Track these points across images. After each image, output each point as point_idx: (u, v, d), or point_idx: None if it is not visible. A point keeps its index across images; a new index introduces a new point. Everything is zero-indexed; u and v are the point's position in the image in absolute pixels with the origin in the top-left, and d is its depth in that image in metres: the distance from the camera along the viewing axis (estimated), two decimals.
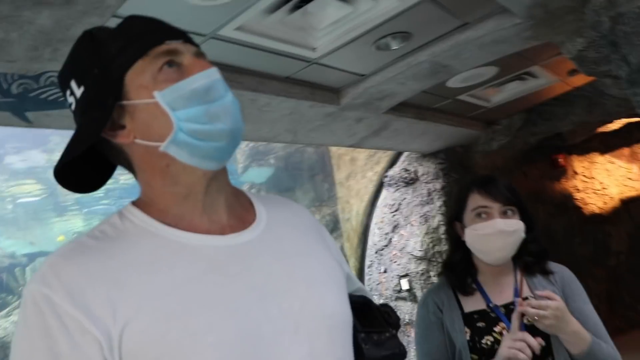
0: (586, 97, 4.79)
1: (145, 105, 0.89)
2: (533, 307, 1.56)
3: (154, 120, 0.89)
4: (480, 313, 1.72)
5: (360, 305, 1.05)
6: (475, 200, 1.72)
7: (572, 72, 4.02)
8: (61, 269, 0.83)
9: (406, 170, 5.18)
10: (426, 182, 5.07)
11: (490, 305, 1.72)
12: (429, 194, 5.00)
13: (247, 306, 0.85)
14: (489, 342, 1.65)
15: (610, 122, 6.54)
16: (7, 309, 12.56)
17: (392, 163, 5.42)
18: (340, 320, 0.97)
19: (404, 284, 4.99)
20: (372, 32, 2.42)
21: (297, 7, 2.11)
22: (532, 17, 2.41)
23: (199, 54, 0.95)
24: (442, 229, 4.87)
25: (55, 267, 0.83)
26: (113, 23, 1.84)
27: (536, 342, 1.51)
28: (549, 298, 1.57)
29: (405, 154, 5.31)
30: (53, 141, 17.35)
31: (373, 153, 5.56)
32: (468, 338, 1.68)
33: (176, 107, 0.88)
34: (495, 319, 1.69)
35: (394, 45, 2.59)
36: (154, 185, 0.94)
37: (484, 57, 2.89)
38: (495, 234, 1.67)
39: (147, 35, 0.92)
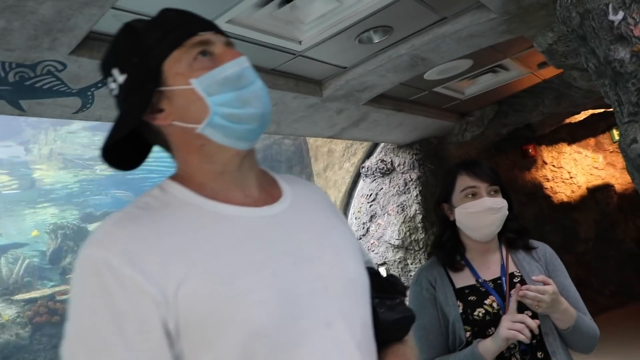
0: (554, 89, 4.96)
1: (183, 91, 0.99)
2: (532, 292, 1.68)
3: (190, 104, 0.99)
4: (470, 288, 1.85)
5: (372, 275, 1.15)
6: (464, 182, 1.86)
7: (542, 65, 4.18)
8: (115, 234, 0.92)
9: (382, 161, 5.31)
10: (402, 172, 5.20)
11: (480, 280, 1.86)
12: (405, 183, 5.14)
13: (283, 269, 0.96)
14: (480, 314, 1.78)
15: (577, 113, 6.75)
16: None
17: (369, 154, 5.55)
18: (361, 284, 1.09)
19: (382, 272, 5.13)
20: (356, 26, 2.53)
21: (286, 1, 2.20)
22: (506, 12, 2.54)
23: (229, 44, 1.06)
24: (419, 217, 5.02)
25: (110, 233, 0.92)
26: (111, 14, 1.93)
27: (534, 323, 1.65)
28: (545, 283, 1.71)
29: (382, 145, 5.44)
30: (27, 133, 17.10)
31: (350, 144, 5.68)
32: (461, 311, 1.81)
33: (211, 93, 0.98)
34: (485, 292, 1.82)
35: (376, 38, 2.70)
36: (191, 162, 1.04)
37: (460, 50, 3.02)
38: (485, 211, 1.82)
39: (182, 27, 1.02)
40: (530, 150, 7.44)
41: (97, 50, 2.07)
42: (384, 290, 1.15)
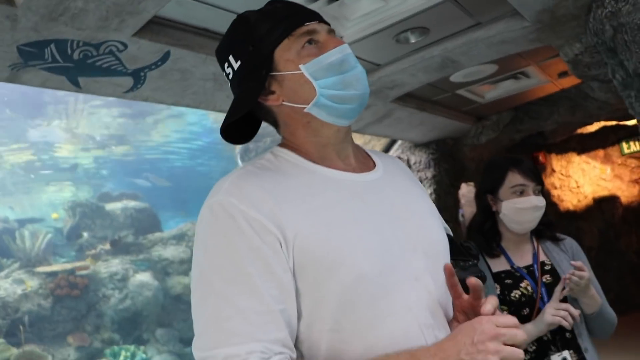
0: (570, 98, 5.06)
1: (292, 76, 1.14)
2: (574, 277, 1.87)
3: (300, 87, 1.15)
4: (506, 272, 2.04)
5: (448, 240, 1.30)
6: (515, 179, 2.03)
7: (562, 74, 4.29)
8: (241, 185, 1.07)
9: (399, 158, 5.43)
10: (418, 171, 5.33)
11: (514, 266, 2.03)
12: (420, 181, 5.23)
13: (381, 227, 1.11)
14: (517, 295, 1.98)
15: (590, 124, 6.87)
16: (5, 271, 12.63)
17: (386, 151, 5.66)
18: (443, 245, 1.25)
19: None
20: (396, 25, 2.64)
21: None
22: (539, 22, 2.65)
23: (331, 31, 1.21)
24: None
25: (236, 184, 1.07)
26: (175, 1, 2.04)
27: (577, 312, 1.84)
28: (581, 269, 1.89)
29: (399, 142, 5.55)
30: (49, 110, 17.20)
31: (368, 140, 5.79)
32: (498, 292, 1.98)
33: (318, 77, 1.13)
34: (520, 277, 2.01)
35: (413, 39, 2.81)
36: (298, 135, 1.20)
37: (490, 55, 3.13)
38: (531, 208, 2.02)
39: (290, 19, 1.16)
40: (540, 157, 7.58)
41: (156, 34, 2.19)
42: (458, 253, 1.30)
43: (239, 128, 1.27)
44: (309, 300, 1.04)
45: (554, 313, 1.86)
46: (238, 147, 14.16)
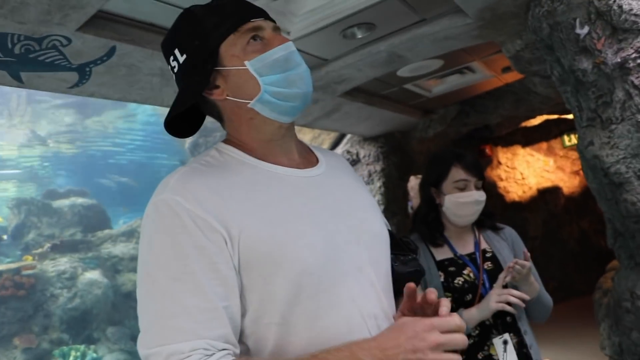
0: (514, 93, 5.21)
1: (237, 71, 1.16)
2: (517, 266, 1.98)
3: (244, 83, 1.17)
4: (449, 260, 2.12)
5: (389, 235, 1.35)
6: (458, 174, 2.11)
7: (506, 70, 4.42)
8: (187, 182, 1.09)
9: (349, 152, 5.49)
10: (367, 164, 5.40)
11: (457, 254, 2.11)
12: (370, 175, 5.34)
13: (324, 221, 1.15)
14: (460, 282, 2.07)
15: (533, 117, 7.07)
16: None
17: (335, 145, 5.72)
18: (384, 238, 1.29)
19: None
20: (342, 21, 2.67)
21: None
22: (481, 19, 2.74)
23: (277, 29, 1.23)
24: (381, 208, 5.22)
25: (181, 182, 1.09)
26: None
27: (520, 294, 1.94)
28: (527, 259, 2.02)
29: (348, 136, 5.61)
30: None
31: (318, 135, 5.84)
32: (442, 280, 2.06)
33: (262, 74, 1.15)
34: (463, 264, 2.09)
35: (359, 34, 2.85)
36: (242, 131, 1.22)
37: (435, 50, 3.20)
38: (472, 202, 2.10)
39: (236, 14, 1.18)
40: (487, 150, 7.77)
41: (101, 28, 2.17)
42: (398, 247, 1.34)
43: (184, 121, 1.28)
44: (256, 296, 1.06)
45: (498, 299, 1.95)
46: (187, 142, 14.00)
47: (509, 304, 1.95)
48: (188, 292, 1.00)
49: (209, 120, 1.35)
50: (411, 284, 1.16)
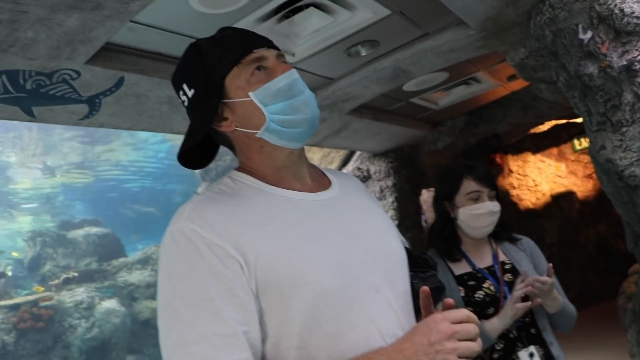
0: (521, 100, 5.21)
1: (243, 102, 1.18)
2: (538, 284, 1.97)
3: (250, 114, 1.19)
4: (468, 274, 2.10)
5: (406, 253, 1.35)
6: (470, 186, 2.11)
7: (511, 78, 4.42)
8: (201, 210, 1.10)
9: (359, 169, 5.50)
10: (378, 180, 5.40)
11: (476, 268, 2.10)
12: (381, 190, 5.33)
13: (339, 243, 1.15)
14: (481, 296, 2.05)
15: (542, 123, 7.06)
16: None
17: (345, 162, 5.73)
18: (401, 258, 1.29)
19: None
20: (346, 40, 2.70)
21: (285, 16, 2.36)
22: (484, 30, 2.75)
23: (280, 56, 1.26)
24: (395, 223, 5.21)
25: (196, 210, 1.10)
26: (127, 27, 2.06)
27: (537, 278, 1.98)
28: (549, 274, 2.01)
29: (358, 153, 5.62)
30: (5, 137, 16.79)
31: (327, 153, 5.85)
32: (463, 294, 2.05)
33: (267, 103, 1.17)
34: (482, 278, 2.08)
35: (363, 52, 2.88)
36: (253, 159, 1.24)
37: (439, 63, 3.22)
38: (487, 213, 2.09)
39: (239, 46, 1.20)
40: (497, 159, 7.75)
41: (109, 60, 2.20)
42: (417, 265, 1.34)
43: (197, 152, 1.30)
44: (274, 320, 1.07)
45: (512, 302, 1.96)
46: None
47: (525, 299, 1.96)
48: (207, 318, 1.00)
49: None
50: (425, 288, 1.16)
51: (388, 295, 1.17)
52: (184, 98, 1.25)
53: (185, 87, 1.24)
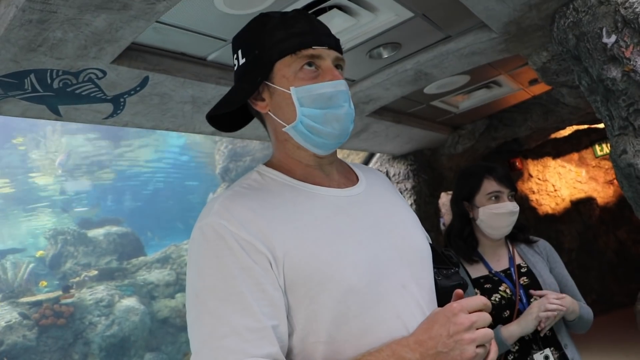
0: (542, 104, 5.19)
1: (282, 92, 1.20)
2: (554, 305, 1.97)
3: (285, 106, 1.20)
4: (485, 277, 2.11)
5: (430, 249, 1.36)
6: (491, 186, 2.11)
7: (533, 82, 4.40)
8: (230, 206, 1.12)
9: (379, 171, 5.50)
10: (397, 182, 5.40)
11: (492, 271, 2.10)
12: (400, 193, 5.32)
13: (367, 239, 1.16)
14: (497, 299, 2.05)
15: (563, 128, 7.00)
16: None
17: (365, 164, 5.73)
18: (426, 254, 1.30)
19: None
20: (368, 42, 2.71)
21: None
22: (507, 33, 2.75)
23: (338, 59, 1.25)
24: None
25: (225, 205, 1.12)
26: (152, 27, 2.09)
27: (559, 306, 1.98)
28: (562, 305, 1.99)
29: (377, 155, 5.62)
30: (28, 137, 17.04)
31: (347, 155, 5.87)
32: None
33: (303, 104, 1.18)
34: (499, 281, 2.08)
35: (385, 54, 2.89)
36: (281, 150, 1.26)
37: (461, 66, 3.21)
38: (507, 213, 2.10)
39: (303, 36, 1.20)
40: (517, 163, 7.71)
41: (134, 60, 2.24)
42: (440, 261, 1.35)
43: (230, 117, 1.33)
44: (302, 315, 1.08)
45: (539, 310, 1.96)
46: (218, 168, 14.20)
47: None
48: (236, 312, 1.02)
49: (238, 146, 1.39)
50: (459, 291, 1.17)
51: (414, 291, 1.18)
52: (235, 62, 1.27)
53: (240, 53, 1.25)
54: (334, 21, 2.46)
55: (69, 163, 18.24)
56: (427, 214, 5.41)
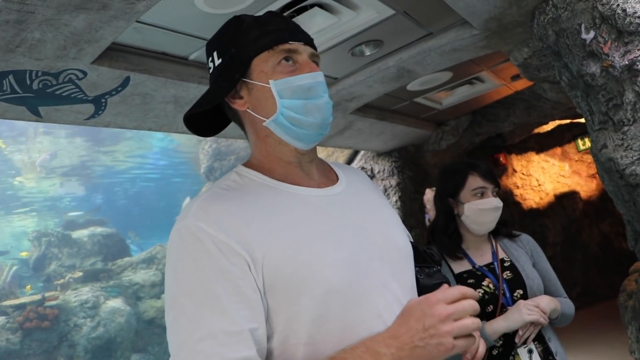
0: (525, 100, 5.23)
1: (261, 87, 1.19)
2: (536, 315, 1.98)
3: (264, 100, 1.20)
4: (468, 272, 2.12)
5: (412, 247, 1.36)
6: (476, 182, 2.12)
7: (515, 77, 4.43)
8: (208, 208, 1.11)
9: (363, 168, 5.51)
10: (382, 179, 5.41)
11: (476, 266, 2.11)
12: (385, 190, 5.35)
13: (347, 239, 1.16)
14: (480, 294, 2.05)
15: (546, 123, 7.06)
16: None
17: (349, 162, 5.74)
18: (407, 253, 1.30)
19: None
20: (350, 40, 2.71)
21: (290, 16, 2.37)
22: (488, 29, 2.76)
23: (314, 55, 1.26)
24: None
25: (203, 207, 1.11)
26: (133, 27, 2.07)
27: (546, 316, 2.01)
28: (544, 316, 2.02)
29: (362, 152, 5.63)
30: (8, 140, 16.85)
31: (331, 152, 5.88)
32: None
33: (283, 96, 1.18)
34: (482, 276, 2.09)
35: (367, 51, 2.90)
36: (260, 149, 1.26)
37: (443, 63, 3.23)
38: (492, 209, 2.11)
39: (278, 33, 1.21)
40: (501, 158, 7.76)
41: (115, 60, 2.22)
42: (422, 260, 1.35)
43: (206, 121, 1.33)
44: (282, 317, 1.08)
45: (529, 314, 1.96)
46: (203, 167, 14.15)
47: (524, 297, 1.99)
48: (213, 315, 1.01)
49: (223, 145, 1.38)
50: (445, 285, 1.15)
51: (396, 290, 1.18)
52: (210, 65, 1.27)
53: (215, 54, 1.25)
54: (315, 19, 2.45)
55: (52, 164, 18.07)
56: (412, 210, 5.43)
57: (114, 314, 12.92)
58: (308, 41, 1.26)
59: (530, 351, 2.00)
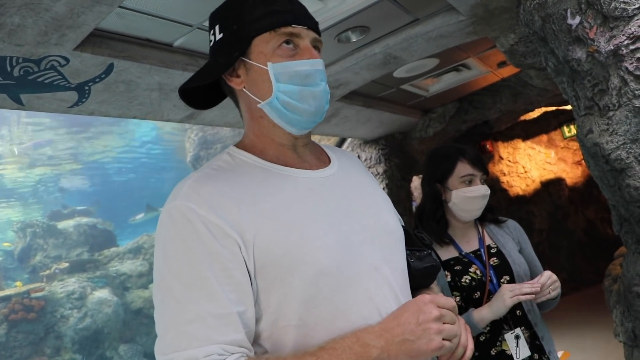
0: (511, 87, 5.24)
1: (259, 68, 1.18)
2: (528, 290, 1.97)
3: (261, 82, 1.18)
4: (455, 259, 2.11)
5: (403, 231, 1.35)
6: (465, 169, 2.12)
7: (501, 64, 4.44)
8: (199, 188, 1.09)
9: (351, 153, 5.50)
10: (369, 167, 5.41)
11: (462, 253, 2.11)
12: None
13: (338, 221, 1.15)
14: (467, 280, 2.06)
15: (532, 110, 7.08)
16: None
17: None
18: (399, 236, 1.30)
19: None
20: (336, 26, 2.70)
21: None
22: (474, 15, 2.76)
23: (316, 41, 1.23)
24: None
25: (194, 187, 1.10)
26: (116, 12, 2.05)
27: (531, 289, 1.97)
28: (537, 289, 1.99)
29: (349, 140, 5.63)
30: None
31: (318, 140, 5.86)
32: (449, 279, 2.06)
33: (279, 80, 1.16)
34: (469, 262, 2.09)
35: (354, 38, 2.88)
36: (254, 129, 1.24)
37: (429, 49, 3.22)
38: (480, 197, 2.11)
39: (282, 14, 1.18)
40: (487, 146, 7.78)
41: (98, 46, 2.19)
42: (413, 243, 1.35)
43: (205, 95, 1.32)
44: (272, 299, 1.07)
45: (511, 295, 1.95)
46: (189, 156, 14.06)
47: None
48: (202, 298, 1.01)
49: (209, 133, 1.37)
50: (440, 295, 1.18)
51: (387, 273, 1.18)
52: (212, 37, 1.25)
53: (217, 28, 1.23)
54: None
55: (35, 153, 17.89)
56: (399, 197, 5.44)
57: (101, 304, 12.87)
58: (312, 25, 1.23)
59: (517, 337, 2.01)
